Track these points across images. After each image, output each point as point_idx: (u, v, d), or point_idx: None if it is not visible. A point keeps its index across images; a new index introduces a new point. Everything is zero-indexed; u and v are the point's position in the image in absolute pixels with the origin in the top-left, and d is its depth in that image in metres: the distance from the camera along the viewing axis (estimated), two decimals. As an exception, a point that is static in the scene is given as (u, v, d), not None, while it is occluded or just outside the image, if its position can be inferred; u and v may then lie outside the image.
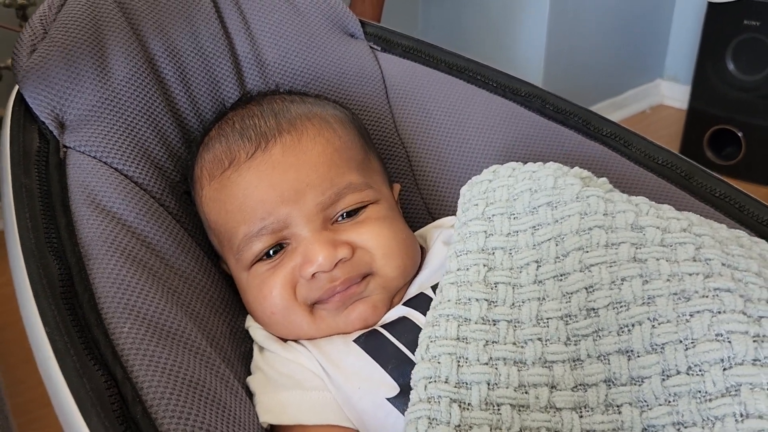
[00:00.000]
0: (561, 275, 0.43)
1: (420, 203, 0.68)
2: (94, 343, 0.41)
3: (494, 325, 0.42)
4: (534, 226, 0.46)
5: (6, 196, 0.49)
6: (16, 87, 0.56)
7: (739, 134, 1.74)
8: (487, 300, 0.43)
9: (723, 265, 0.40)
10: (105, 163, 0.54)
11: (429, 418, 0.38)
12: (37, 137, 0.54)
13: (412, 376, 0.41)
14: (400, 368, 0.45)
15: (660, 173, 0.60)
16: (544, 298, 0.43)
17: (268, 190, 0.49)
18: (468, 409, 0.38)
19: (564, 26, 1.82)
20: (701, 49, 1.78)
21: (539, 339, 0.41)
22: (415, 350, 0.45)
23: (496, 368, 0.40)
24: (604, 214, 0.44)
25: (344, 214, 0.51)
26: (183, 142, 0.61)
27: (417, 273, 0.53)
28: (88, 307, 0.43)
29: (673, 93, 2.19)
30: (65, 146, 0.54)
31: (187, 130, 0.62)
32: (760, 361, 0.36)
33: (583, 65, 1.94)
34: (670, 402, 0.37)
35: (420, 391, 0.39)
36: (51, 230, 0.47)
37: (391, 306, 0.51)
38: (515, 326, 0.42)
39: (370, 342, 0.47)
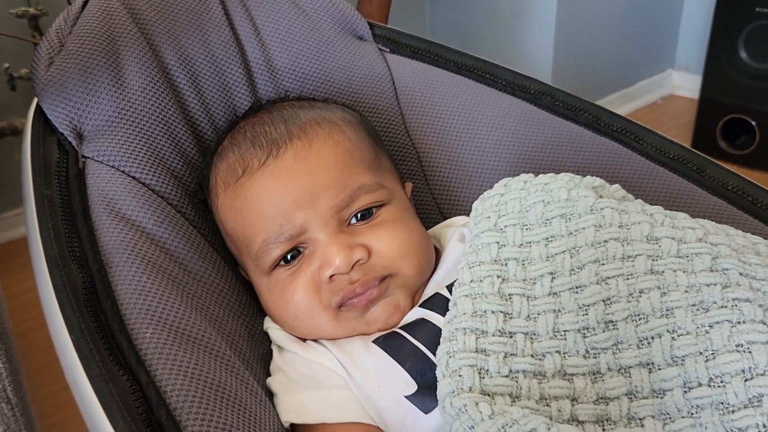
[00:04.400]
0: (577, 287, 0.43)
1: (432, 203, 0.68)
2: (118, 349, 0.42)
3: (511, 337, 0.42)
4: (547, 238, 0.46)
5: (29, 207, 0.50)
6: (35, 100, 0.57)
7: (753, 123, 1.73)
8: (503, 312, 0.43)
9: (740, 274, 0.40)
10: (123, 171, 0.55)
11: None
12: (57, 148, 0.55)
13: (437, 396, 0.41)
14: (417, 366, 0.46)
15: (672, 167, 0.60)
16: (559, 311, 0.43)
17: (283, 196, 0.50)
18: None
19: (572, 18, 1.81)
20: (712, 37, 1.76)
21: (557, 352, 0.41)
22: (432, 348, 0.46)
23: (517, 381, 0.40)
24: (619, 226, 0.44)
25: (358, 216, 0.51)
26: (197, 149, 0.62)
27: (433, 272, 0.54)
28: (112, 313, 0.44)
29: (684, 83, 2.17)
30: (84, 156, 0.55)
31: (201, 137, 0.63)
32: None
33: (593, 57, 1.93)
34: (692, 414, 0.37)
35: (449, 409, 0.39)
36: (73, 239, 0.48)
37: (413, 304, 0.51)
38: (532, 339, 0.42)
39: (389, 342, 0.48)
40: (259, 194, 0.51)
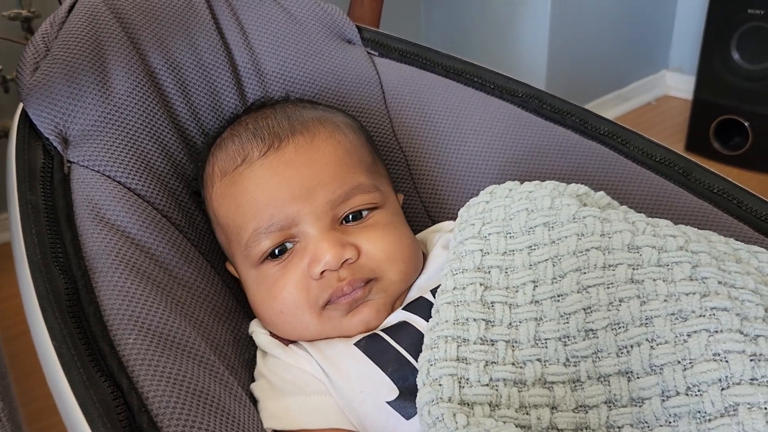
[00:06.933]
0: (558, 296, 0.43)
1: (420, 207, 0.68)
2: (100, 355, 0.42)
3: (493, 345, 0.42)
4: (530, 246, 0.46)
5: (12, 212, 0.50)
6: (21, 104, 0.57)
7: (746, 124, 1.73)
8: (485, 320, 0.43)
9: (719, 283, 0.41)
10: (108, 176, 0.55)
11: None
12: (42, 153, 0.55)
13: (417, 403, 0.41)
14: (400, 371, 0.46)
15: (658, 171, 0.60)
16: (541, 319, 0.43)
17: (280, 186, 0.50)
18: None
19: (567, 20, 1.81)
20: (705, 39, 1.76)
21: (538, 360, 0.41)
22: (414, 354, 0.46)
23: (497, 389, 0.40)
24: (600, 235, 0.45)
25: (351, 216, 0.52)
26: (185, 154, 0.62)
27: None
28: (94, 319, 0.44)
29: (678, 84, 2.18)
30: (69, 161, 0.55)
31: (188, 142, 0.63)
32: (757, 380, 0.36)
33: (587, 59, 1.93)
34: (670, 423, 0.37)
35: (426, 418, 0.39)
36: (57, 245, 0.48)
37: (392, 310, 0.51)
38: (513, 347, 0.42)
39: (371, 345, 0.48)
40: (257, 182, 0.51)
